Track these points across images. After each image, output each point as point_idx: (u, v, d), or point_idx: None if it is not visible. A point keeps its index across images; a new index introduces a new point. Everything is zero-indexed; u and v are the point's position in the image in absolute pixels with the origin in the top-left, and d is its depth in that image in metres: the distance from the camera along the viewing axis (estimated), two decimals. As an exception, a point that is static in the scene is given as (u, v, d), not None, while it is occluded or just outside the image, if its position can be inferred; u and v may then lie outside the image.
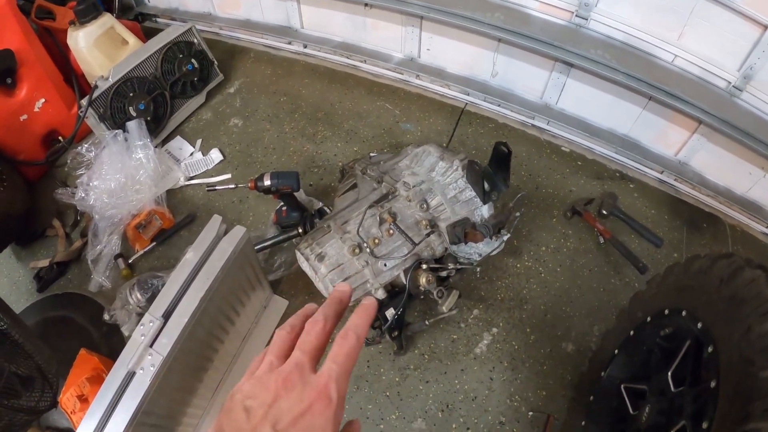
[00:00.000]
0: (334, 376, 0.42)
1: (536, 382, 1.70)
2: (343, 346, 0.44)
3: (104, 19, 2.30)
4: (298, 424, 0.39)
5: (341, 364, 0.43)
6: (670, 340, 1.38)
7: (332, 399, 0.40)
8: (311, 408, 0.40)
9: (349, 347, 0.44)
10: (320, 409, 0.40)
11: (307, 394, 0.40)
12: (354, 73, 2.70)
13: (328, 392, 0.41)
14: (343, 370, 0.42)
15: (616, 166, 2.28)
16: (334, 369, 0.42)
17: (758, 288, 1.11)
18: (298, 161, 2.32)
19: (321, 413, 0.40)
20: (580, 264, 1.96)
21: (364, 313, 0.47)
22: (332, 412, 0.40)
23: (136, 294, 1.83)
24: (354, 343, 0.44)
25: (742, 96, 1.89)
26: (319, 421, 0.39)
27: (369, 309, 0.48)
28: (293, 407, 0.40)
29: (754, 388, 0.96)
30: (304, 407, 0.40)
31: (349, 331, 0.45)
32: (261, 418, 0.39)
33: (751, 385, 0.97)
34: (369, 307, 0.48)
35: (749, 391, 0.97)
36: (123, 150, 2.12)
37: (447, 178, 1.56)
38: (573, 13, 1.99)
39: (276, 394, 0.41)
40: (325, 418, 0.40)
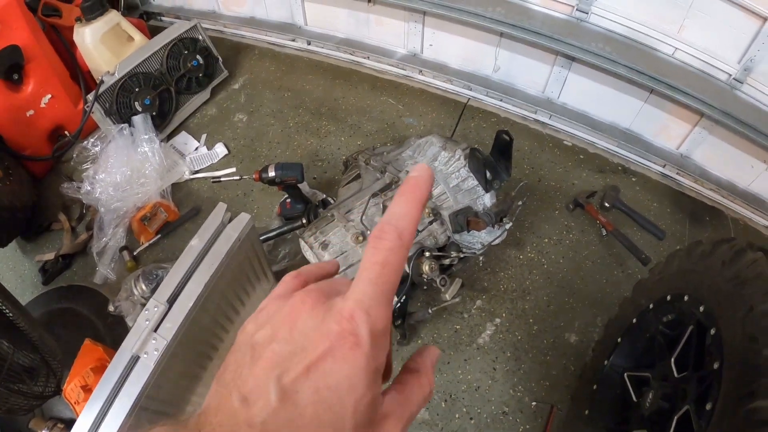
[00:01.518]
0: (364, 300, 0.28)
1: (539, 373, 1.70)
2: (378, 253, 0.29)
3: (110, 16, 2.33)
4: (312, 373, 0.27)
5: (373, 281, 0.29)
6: (672, 327, 1.38)
7: (360, 336, 0.27)
8: (330, 353, 0.27)
9: (387, 252, 0.29)
10: (344, 353, 0.27)
11: (327, 327, 0.28)
12: (358, 69, 2.72)
13: (353, 326, 0.28)
14: (378, 291, 0.29)
15: (618, 159, 2.29)
16: (364, 290, 0.29)
17: (760, 268, 1.12)
18: (302, 155, 2.33)
19: (345, 359, 0.27)
20: (583, 256, 1.97)
21: (409, 193, 0.31)
22: (363, 355, 0.27)
23: (141, 285, 1.84)
24: (395, 244, 0.29)
25: (743, 88, 1.90)
26: (342, 370, 0.27)
27: (418, 185, 0.32)
28: (308, 346, 0.28)
29: (759, 365, 0.96)
30: (322, 350, 0.27)
31: (386, 225, 0.30)
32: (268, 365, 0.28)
33: (756, 363, 0.97)
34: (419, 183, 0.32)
35: (753, 369, 0.97)
36: (129, 144, 2.14)
37: (449, 167, 1.57)
38: (574, 6, 2.01)
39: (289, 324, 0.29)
40: (352, 364, 0.27)
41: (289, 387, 0.27)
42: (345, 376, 0.27)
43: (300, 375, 0.27)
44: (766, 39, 1.74)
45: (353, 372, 0.27)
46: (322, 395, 0.26)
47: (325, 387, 0.26)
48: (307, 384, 0.27)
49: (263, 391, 0.27)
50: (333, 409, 0.26)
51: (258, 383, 0.28)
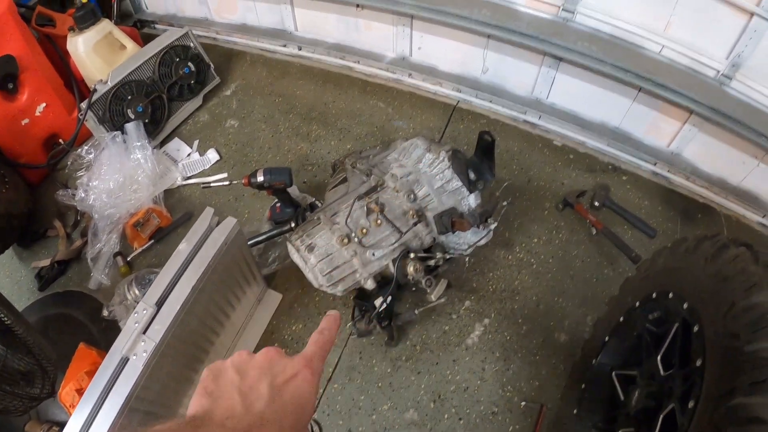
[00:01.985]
0: (317, 354, 0.50)
1: (529, 372, 1.70)
2: (321, 338, 0.52)
3: (102, 25, 2.37)
4: (290, 384, 0.44)
5: (320, 347, 0.51)
6: (658, 324, 1.38)
7: (315, 371, 0.47)
8: (300, 374, 0.46)
9: (324, 339, 0.52)
10: (307, 377, 0.46)
11: (297, 362, 0.47)
12: (348, 74, 2.74)
13: (312, 364, 0.48)
14: (322, 353, 0.50)
15: (608, 158, 2.29)
16: (316, 350, 0.50)
17: (742, 264, 1.12)
18: (293, 160, 2.35)
19: (308, 381, 0.46)
20: (573, 255, 1.97)
21: (332, 320, 0.55)
22: (316, 381, 0.47)
23: (134, 290, 1.86)
24: (328, 337, 0.53)
25: (732, 84, 1.90)
26: (306, 387, 0.45)
27: (336, 317, 0.56)
28: (286, 370, 0.46)
29: (740, 362, 0.96)
30: (294, 371, 0.46)
31: (324, 329, 0.54)
32: (257, 378, 0.44)
33: (737, 360, 0.97)
34: (335, 316, 0.56)
35: (735, 366, 0.97)
36: (122, 151, 2.17)
37: (434, 169, 1.58)
38: (560, 7, 2.01)
39: (269, 360, 0.46)
40: (311, 385, 0.46)
41: (278, 389, 0.44)
42: (307, 390, 0.45)
43: (283, 383, 0.44)
44: (753, 34, 1.74)
45: (311, 388, 0.46)
46: (296, 399, 0.44)
47: (298, 394, 0.44)
48: (288, 390, 0.44)
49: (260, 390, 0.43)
50: (301, 408, 0.44)
51: (253, 385, 0.43)
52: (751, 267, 1.11)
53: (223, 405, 0.41)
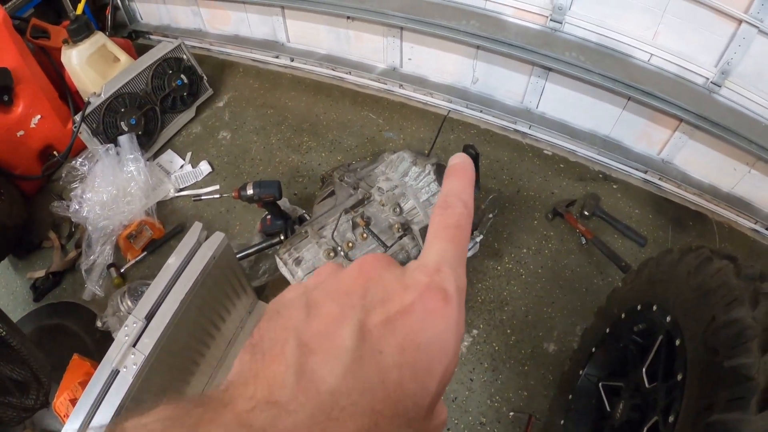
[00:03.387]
0: (447, 258, 0.27)
1: (517, 383, 1.71)
2: (450, 216, 0.29)
3: (96, 38, 2.39)
4: (399, 327, 0.23)
5: (451, 240, 0.28)
6: (643, 336, 1.39)
7: (449, 292, 0.25)
8: (419, 305, 0.24)
9: (457, 217, 0.29)
10: (434, 306, 0.24)
11: (412, 280, 0.25)
12: (339, 85, 2.76)
13: (441, 281, 0.25)
14: (456, 251, 0.28)
15: (598, 167, 2.30)
16: (445, 248, 0.27)
17: (724, 278, 1.12)
18: (284, 171, 2.37)
19: (436, 313, 0.24)
20: (562, 265, 1.97)
21: (461, 171, 0.32)
22: (454, 311, 0.25)
23: (127, 301, 1.88)
24: (464, 211, 0.29)
25: (721, 92, 1.91)
26: (435, 326, 0.24)
27: (466, 168, 0.32)
28: (390, 297, 0.24)
29: (718, 378, 0.97)
30: (408, 302, 0.24)
31: (449, 197, 0.30)
32: (335, 317, 0.24)
33: (716, 376, 0.98)
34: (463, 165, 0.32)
35: (714, 381, 0.98)
36: (115, 163, 2.19)
37: (420, 182, 1.59)
38: (547, 17, 2.02)
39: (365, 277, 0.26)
40: (445, 320, 0.24)
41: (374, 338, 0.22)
42: (437, 333, 0.23)
43: (385, 325, 0.23)
44: (742, 41, 1.75)
45: (446, 329, 0.24)
46: (410, 356, 0.22)
47: (414, 346, 0.23)
48: (394, 339, 0.22)
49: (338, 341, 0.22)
50: (419, 376, 0.22)
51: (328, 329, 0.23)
52: (733, 281, 1.11)
53: (263, 371, 0.22)
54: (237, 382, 0.22)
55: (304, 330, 0.23)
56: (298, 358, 0.22)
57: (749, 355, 0.91)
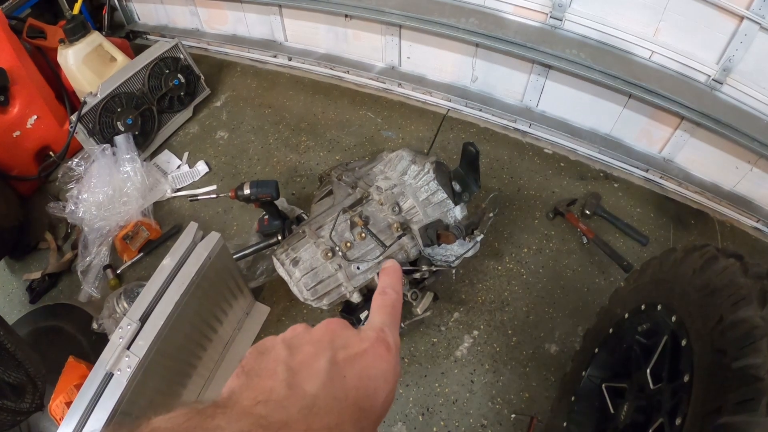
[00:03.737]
0: (387, 322, 0.37)
1: (519, 384, 1.68)
2: (386, 299, 0.40)
3: (92, 37, 2.37)
4: (357, 362, 0.33)
5: (389, 314, 0.39)
6: (648, 336, 1.36)
7: (390, 344, 0.35)
8: (370, 350, 0.34)
9: (392, 300, 0.40)
10: (381, 353, 0.34)
11: (366, 335, 0.35)
12: (338, 84, 2.74)
13: (384, 337, 0.35)
14: (393, 320, 0.38)
15: (599, 166, 2.28)
16: (384, 317, 0.38)
17: (731, 276, 1.10)
18: (282, 171, 2.35)
19: (382, 357, 0.34)
20: (563, 264, 1.95)
21: (391, 272, 0.43)
22: (394, 357, 0.35)
23: (123, 303, 1.86)
24: (395, 297, 0.40)
25: (723, 89, 1.89)
26: (381, 365, 0.33)
27: (395, 269, 0.44)
28: (351, 344, 0.34)
29: (727, 380, 0.94)
30: (362, 348, 0.34)
31: (386, 288, 0.41)
32: (313, 353, 0.32)
33: (724, 377, 0.95)
34: (394, 267, 0.44)
35: (722, 383, 0.95)
36: (111, 164, 2.17)
37: (419, 181, 1.57)
38: (547, 14, 2.01)
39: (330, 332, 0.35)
40: (387, 363, 0.34)
41: (340, 367, 0.32)
42: (382, 371, 0.33)
43: (348, 359, 0.32)
44: (744, 38, 1.73)
45: (387, 369, 0.34)
46: (363, 383, 0.32)
47: (367, 376, 0.32)
48: (354, 370, 0.32)
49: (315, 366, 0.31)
50: (370, 397, 0.32)
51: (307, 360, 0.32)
52: (740, 279, 1.08)
53: (260, 385, 0.30)
54: (236, 392, 0.30)
55: (290, 361, 0.32)
56: (287, 377, 0.30)
57: (758, 355, 0.88)
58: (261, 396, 0.29)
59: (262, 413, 0.27)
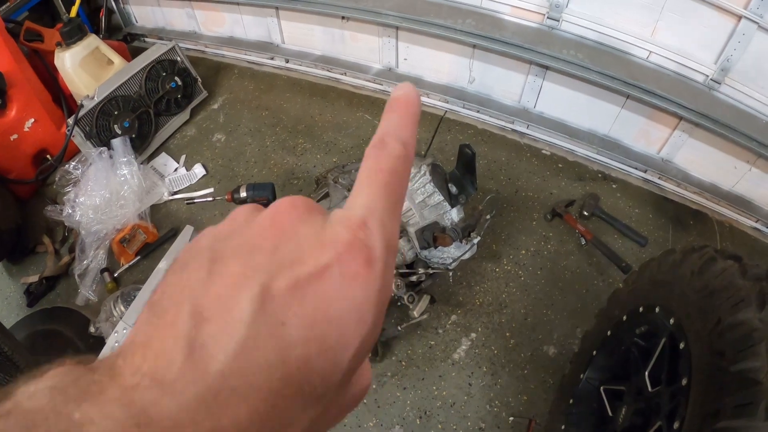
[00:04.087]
0: (376, 209, 0.22)
1: (517, 387, 1.68)
2: (383, 160, 0.24)
3: (89, 40, 2.36)
4: (308, 294, 0.19)
5: (384, 187, 0.23)
6: (646, 339, 1.36)
7: (374, 250, 0.21)
8: (337, 266, 0.20)
9: (395, 160, 0.24)
10: (354, 270, 0.20)
11: (331, 236, 0.21)
12: (335, 86, 2.74)
13: (367, 235, 0.21)
14: (390, 201, 0.23)
15: (597, 166, 2.27)
16: (374, 197, 0.23)
17: (729, 278, 1.09)
18: (279, 173, 2.34)
19: (356, 279, 0.20)
20: (562, 266, 1.94)
21: (403, 107, 0.26)
22: (378, 277, 0.21)
23: (120, 306, 1.85)
24: (401, 154, 0.24)
25: (721, 89, 1.88)
26: (352, 294, 0.20)
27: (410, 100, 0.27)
28: (303, 255, 0.20)
29: (725, 383, 0.94)
30: (321, 263, 0.20)
31: (385, 136, 0.25)
32: (236, 280, 0.19)
33: (722, 381, 0.95)
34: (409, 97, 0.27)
35: (720, 386, 0.94)
36: (108, 167, 2.16)
37: (415, 183, 1.56)
38: (544, 15, 2.00)
39: (278, 228, 0.21)
40: (364, 287, 0.20)
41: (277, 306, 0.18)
42: (355, 303, 0.20)
43: (292, 290, 0.19)
44: (742, 37, 1.72)
45: (366, 298, 0.20)
46: (318, 330, 0.19)
47: (324, 318, 0.19)
48: (299, 309, 0.19)
49: (235, 310, 0.18)
50: (328, 353, 0.19)
51: (227, 293, 0.19)
52: (739, 281, 1.08)
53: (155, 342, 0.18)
54: (129, 348, 0.19)
55: (201, 293, 0.19)
56: (189, 329, 0.18)
57: (757, 358, 0.88)
58: (147, 365, 0.18)
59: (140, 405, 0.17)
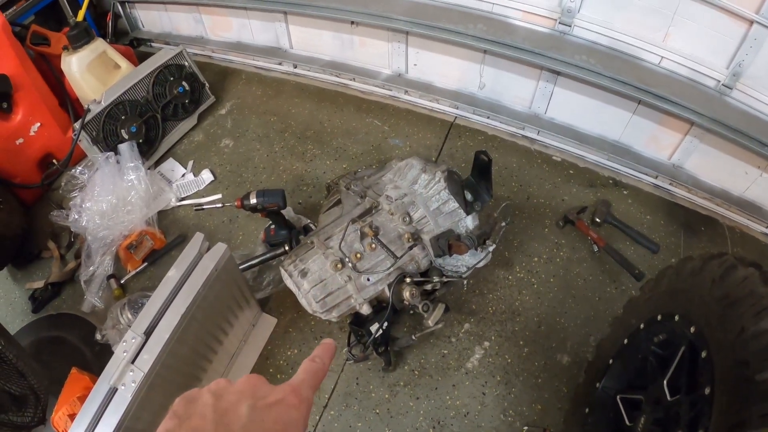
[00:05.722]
0: (306, 381, 0.45)
1: (531, 396, 1.66)
2: (312, 365, 0.47)
3: (96, 44, 2.35)
4: (273, 409, 0.39)
5: (311, 375, 0.46)
6: (664, 347, 1.34)
7: (304, 398, 0.42)
8: (286, 400, 0.41)
9: (316, 367, 0.47)
10: (295, 402, 0.41)
11: (282, 388, 0.42)
12: (343, 91, 2.72)
13: (300, 391, 0.43)
14: (312, 381, 0.45)
15: (608, 172, 2.25)
16: (305, 377, 0.45)
17: (751, 286, 1.08)
18: (288, 180, 2.32)
19: (296, 407, 0.41)
20: (574, 273, 1.92)
21: (327, 348, 0.50)
22: (305, 409, 0.42)
23: (127, 314, 1.83)
24: (320, 366, 0.47)
25: (733, 94, 1.87)
26: (293, 414, 0.40)
27: (329, 347, 0.51)
28: (269, 395, 0.41)
29: (750, 392, 0.92)
30: (279, 396, 0.41)
31: (316, 357, 0.48)
32: (235, 401, 0.39)
33: (747, 390, 0.93)
34: (329, 345, 0.51)
35: (745, 395, 0.93)
36: (115, 172, 2.14)
37: (429, 190, 1.55)
38: (556, 20, 1.99)
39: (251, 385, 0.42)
40: (298, 411, 0.41)
41: (260, 412, 0.39)
42: (293, 418, 0.40)
43: (266, 406, 0.39)
44: (753, 42, 1.71)
45: (298, 417, 0.40)
46: (278, 426, 0.39)
47: (281, 421, 0.39)
48: (271, 415, 0.39)
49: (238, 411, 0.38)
50: None
51: (230, 407, 0.39)
52: (761, 289, 1.06)
53: (191, 425, 0.37)
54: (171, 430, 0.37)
55: (216, 406, 0.39)
56: (214, 418, 0.38)
57: (783, 367, 0.86)
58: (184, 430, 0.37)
59: None
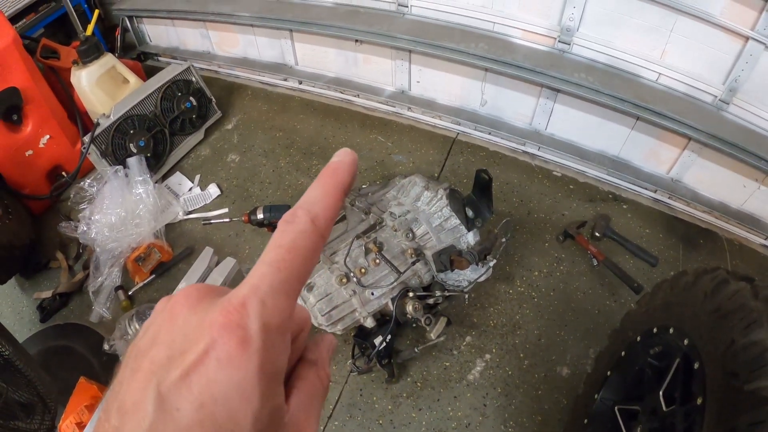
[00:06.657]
0: (261, 287, 0.23)
1: (531, 408, 1.68)
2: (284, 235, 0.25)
3: (106, 59, 2.41)
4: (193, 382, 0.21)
5: (276, 264, 0.24)
6: (660, 359, 1.37)
7: (248, 330, 0.22)
8: (212, 351, 0.22)
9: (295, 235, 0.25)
10: (227, 352, 0.21)
11: (209, 320, 0.22)
12: (348, 108, 2.77)
13: (241, 316, 0.22)
14: (280, 277, 0.24)
15: (608, 187, 2.29)
16: (262, 275, 0.24)
17: (742, 300, 1.11)
18: (293, 195, 2.36)
19: (230, 360, 0.21)
20: (574, 287, 1.96)
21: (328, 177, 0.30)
22: (253, 355, 0.22)
23: (135, 325, 1.87)
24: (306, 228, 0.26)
25: (729, 109, 1.91)
26: (229, 375, 0.21)
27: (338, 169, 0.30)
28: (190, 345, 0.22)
29: (740, 402, 0.95)
30: (201, 348, 0.22)
31: (298, 209, 0.27)
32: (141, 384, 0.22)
33: (737, 400, 0.96)
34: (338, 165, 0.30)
35: (735, 405, 0.96)
36: (123, 185, 2.19)
37: (432, 207, 1.59)
38: (556, 39, 2.04)
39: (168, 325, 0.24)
40: (240, 367, 0.22)
41: (171, 397, 0.21)
42: (234, 383, 0.21)
43: (177, 384, 0.21)
44: (749, 58, 1.76)
45: (244, 377, 0.21)
46: (207, 411, 0.21)
47: (210, 400, 0.21)
48: (188, 396, 0.21)
49: (141, 410, 0.21)
50: (224, 429, 0.21)
51: (136, 397, 0.22)
52: (751, 303, 1.10)
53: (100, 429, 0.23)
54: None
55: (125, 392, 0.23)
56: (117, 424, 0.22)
57: (770, 377, 0.90)
58: None
59: None
